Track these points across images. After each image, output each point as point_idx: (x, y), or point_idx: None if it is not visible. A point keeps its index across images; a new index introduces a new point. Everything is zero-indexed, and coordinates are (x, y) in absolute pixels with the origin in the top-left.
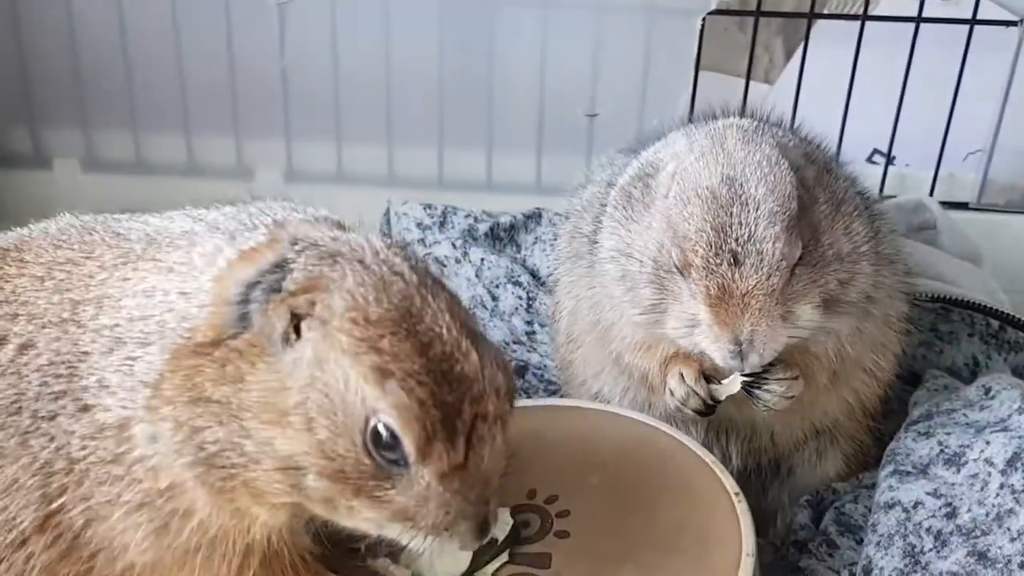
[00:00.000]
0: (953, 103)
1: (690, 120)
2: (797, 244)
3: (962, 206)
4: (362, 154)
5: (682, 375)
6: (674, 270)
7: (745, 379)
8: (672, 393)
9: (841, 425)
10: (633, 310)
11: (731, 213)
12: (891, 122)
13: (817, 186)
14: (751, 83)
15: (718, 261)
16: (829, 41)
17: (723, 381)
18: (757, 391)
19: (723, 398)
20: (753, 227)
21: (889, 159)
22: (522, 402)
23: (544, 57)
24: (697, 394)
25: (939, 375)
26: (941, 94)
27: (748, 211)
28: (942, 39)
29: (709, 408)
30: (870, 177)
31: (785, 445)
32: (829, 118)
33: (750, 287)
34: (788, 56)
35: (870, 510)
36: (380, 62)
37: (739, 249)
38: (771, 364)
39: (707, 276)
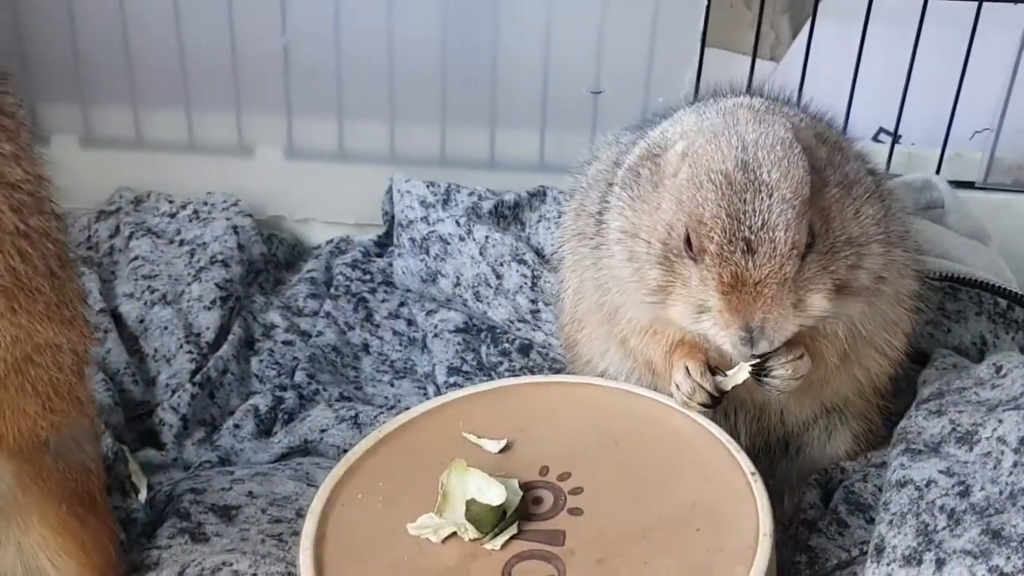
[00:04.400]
0: (960, 81)
1: (695, 97)
2: (809, 231)
3: (968, 185)
4: (364, 131)
5: (688, 369)
6: (684, 254)
7: (751, 367)
8: (678, 387)
9: (851, 404)
10: (639, 292)
11: (745, 199)
12: (898, 100)
13: (828, 168)
14: (757, 60)
15: (732, 249)
16: (836, 18)
17: (728, 372)
18: (765, 378)
19: (729, 389)
20: (767, 214)
21: (895, 138)
22: (534, 378)
23: (548, 33)
24: (703, 388)
25: (947, 354)
26: (948, 72)
27: (762, 198)
28: (950, 17)
29: (715, 401)
30: (876, 156)
31: (794, 424)
32: (835, 96)
33: (763, 276)
34: (794, 33)
35: (880, 489)
36: (383, 38)
37: (752, 237)
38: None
39: (720, 263)
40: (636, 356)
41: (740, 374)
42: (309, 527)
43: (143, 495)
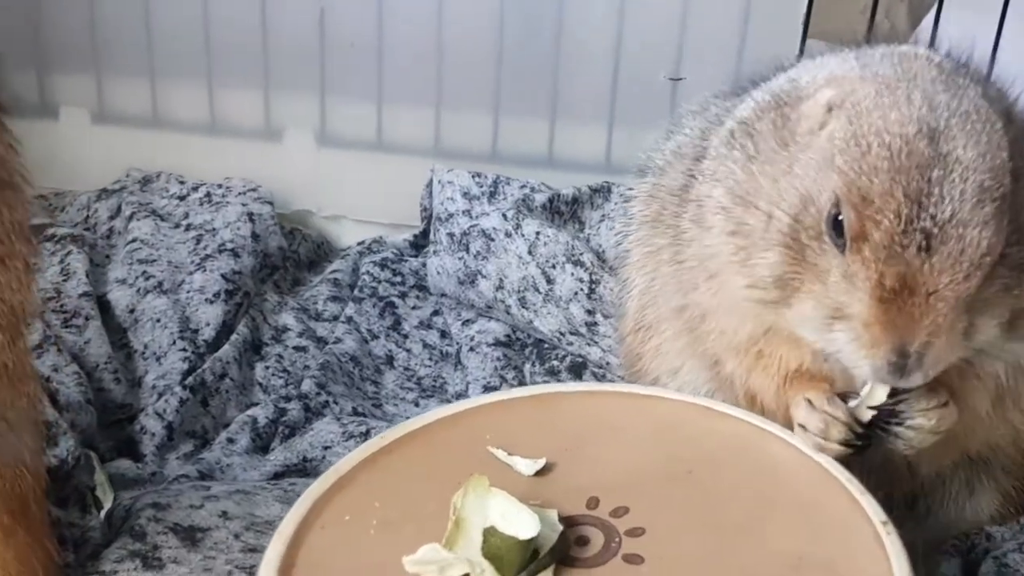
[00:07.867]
0: None
1: None
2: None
3: None
4: (406, 118)
5: (810, 401)
6: (824, 237)
7: (877, 413)
8: (804, 428)
9: (1002, 453)
10: (743, 277)
11: (930, 179)
12: None
13: (1018, 158)
14: None
15: (905, 241)
16: (965, 8)
17: (861, 393)
18: (896, 427)
19: (868, 419)
20: (958, 203)
21: None
22: (587, 385)
23: (623, 10)
24: (837, 419)
25: None
26: None
27: (954, 181)
28: None
29: (859, 436)
30: None
31: (926, 476)
32: None
33: (940, 285)
34: (914, 25)
35: None
36: (432, 12)
37: (936, 231)
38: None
39: (886, 259)
40: (735, 386)
41: (878, 393)
42: (273, 552)
43: (105, 511)
